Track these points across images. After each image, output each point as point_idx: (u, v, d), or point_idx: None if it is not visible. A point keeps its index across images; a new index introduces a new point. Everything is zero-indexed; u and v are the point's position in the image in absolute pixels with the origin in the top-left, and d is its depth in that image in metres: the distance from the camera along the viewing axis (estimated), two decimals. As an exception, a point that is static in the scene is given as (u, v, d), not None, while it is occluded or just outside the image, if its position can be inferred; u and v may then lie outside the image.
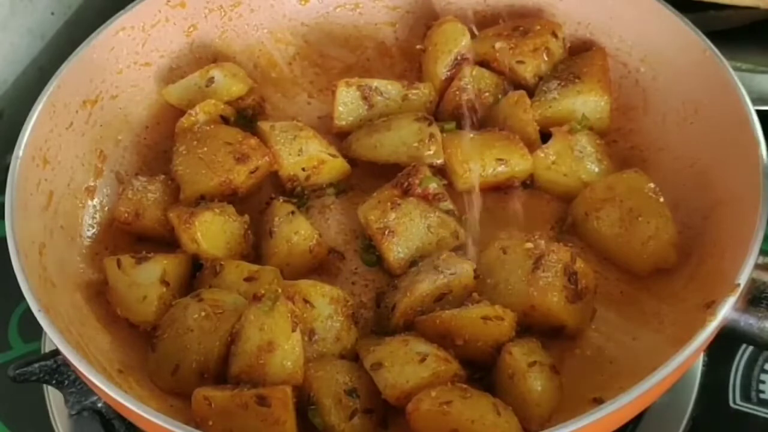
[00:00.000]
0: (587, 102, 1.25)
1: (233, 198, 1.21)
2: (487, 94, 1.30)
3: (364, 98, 1.29)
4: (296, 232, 1.16)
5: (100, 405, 1.17)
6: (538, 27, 1.32)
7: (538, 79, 1.31)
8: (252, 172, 1.21)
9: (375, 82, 1.30)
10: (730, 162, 1.12)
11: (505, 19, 1.37)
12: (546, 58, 1.31)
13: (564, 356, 1.09)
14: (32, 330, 1.30)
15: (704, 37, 1.19)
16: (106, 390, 0.95)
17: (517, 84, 1.31)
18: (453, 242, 1.16)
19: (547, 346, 1.07)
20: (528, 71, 1.31)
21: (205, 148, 1.21)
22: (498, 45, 1.32)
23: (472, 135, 1.24)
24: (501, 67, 1.32)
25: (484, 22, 1.38)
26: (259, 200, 1.24)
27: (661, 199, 1.13)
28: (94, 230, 1.23)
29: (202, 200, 1.19)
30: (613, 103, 1.27)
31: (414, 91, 1.30)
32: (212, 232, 1.15)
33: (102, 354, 1.08)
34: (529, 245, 1.11)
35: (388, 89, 1.30)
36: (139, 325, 1.12)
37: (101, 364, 1.05)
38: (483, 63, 1.32)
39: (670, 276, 1.13)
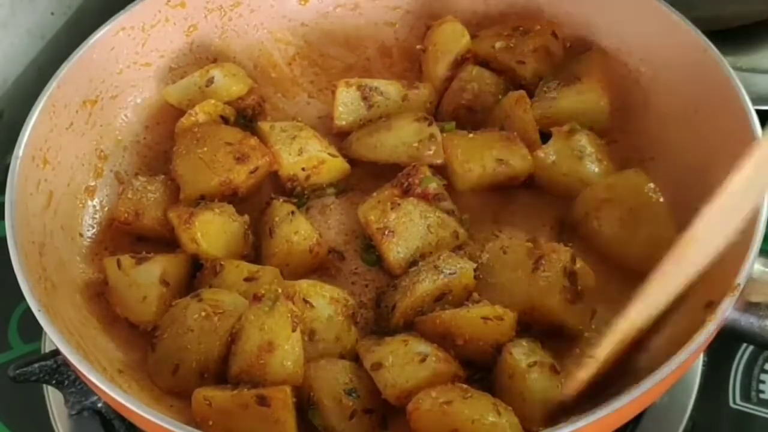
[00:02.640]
0: (586, 102, 1.25)
1: (233, 198, 1.21)
2: (487, 94, 1.30)
3: (364, 98, 1.29)
4: (296, 232, 1.16)
5: (100, 405, 1.17)
6: (538, 27, 1.32)
7: (538, 79, 1.31)
8: (252, 172, 1.21)
9: (375, 82, 1.30)
10: (730, 162, 1.11)
11: (505, 19, 1.37)
12: (546, 59, 1.31)
13: (564, 356, 1.08)
14: (32, 330, 1.30)
15: (704, 37, 1.19)
16: (106, 390, 0.95)
17: (517, 84, 1.31)
18: (453, 242, 1.16)
19: (547, 346, 1.07)
20: (528, 71, 1.31)
21: (205, 148, 1.21)
22: (498, 45, 1.32)
23: (471, 135, 1.24)
24: (501, 67, 1.32)
25: (484, 23, 1.38)
26: (259, 200, 1.24)
27: (661, 199, 1.13)
28: (94, 230, 1.23)
29: (202, 200, 1.19)
30: (612, 103, 1.27)
31: (414, 91, 1.30)
32: (212, 232, 1.15)
33: (102, 354, 1.08)
34: (529, 245, 1.11)
35: (388, 89, 1.30)
36: (139, 325, 1.12)
37: (101, 364, 1.05)
38: (483, 63, 1.32)
39: (670, 276, 1.13)
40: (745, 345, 1.24)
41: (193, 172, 1.20)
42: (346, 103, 1.29)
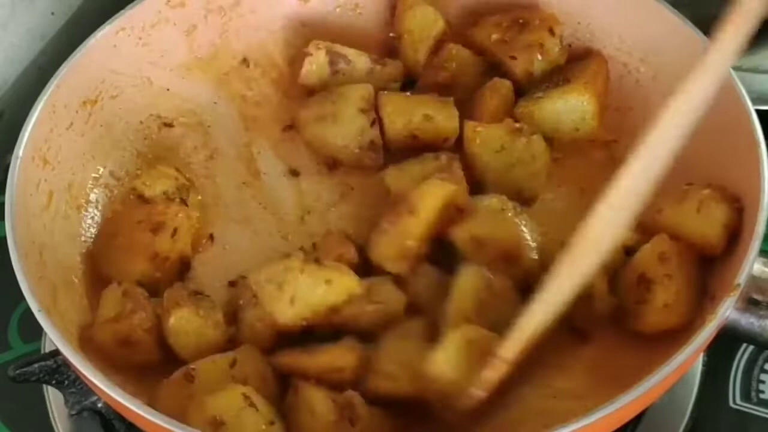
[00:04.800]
0: (570, 103, 1.24)
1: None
2: (466, 73, 1.30)
3: (331, 63, 1.31)
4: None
5: (100, 405, 1.17)
6: (538, 21, 1.31)
7: (530, 77, 1.30)
8: (173, 236, 1.16)
9: (344, 50, 1.32)
10: (730, 162, 1.12)
11: (505, 9, 1.36)
12: (540, 57, 1.30)
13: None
14: (32, 330, 1.30)
15: (704, 37, 1.19)
16: (106, 390, 0.95)
17: (508, 79, 1.30)
18: None
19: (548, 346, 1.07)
20: (518, 67, 1.30)
21: (120, 238, 1.16)
22: (494, 37, 1.31)
23: (408, 94, 1.29)
24: (494, 60, 1.32)
25: (483, 11, 1.37)
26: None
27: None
28: (94, 231, 1.23)
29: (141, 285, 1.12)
30: (604, 106, 1.26)
31: (379, 67, 1.32)
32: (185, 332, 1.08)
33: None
34: None
35: (356, 60, 1.32)
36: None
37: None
38: (478, 51, 1.32)
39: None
40: (745, 345, 1.24)
41: (119, 264, 1.14)
42: (313, 63, 1.31)
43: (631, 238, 1.11)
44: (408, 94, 1.30)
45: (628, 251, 1.11)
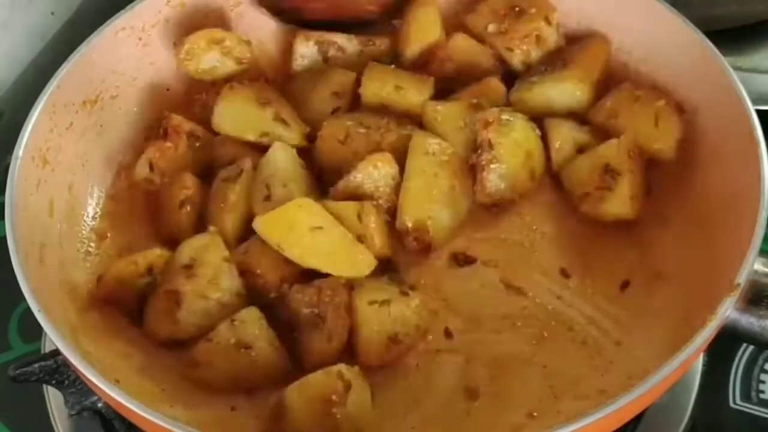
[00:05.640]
0: (563, 90, 1.24)
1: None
2: (473, 67, 1.30)
3: (322, 52, 1.33)
4: None
5: (100, 405, 1.17)
6: (534, 10, 1.31)
7: (527, 67, 1.30)
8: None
9: (334, 37, 1.33)
10: (730, 162, 1.12)
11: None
12: (536, 46, 1.30)
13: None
14: (32, 330, 1.30)
15: (704, 37, 1.19)
16: (106, 390, 0.95)
17: (506, 70, 1.31)
18: None
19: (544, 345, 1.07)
20: (515, 59, 1.30)
21: None
22: (491, 27, 1.31)
23: (393, 66, 1.31)
24: (491, 50, 1.32)
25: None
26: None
27: None
28: (94, 229, 1.23)
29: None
30: (595, 89, 1.25)
31: (370, 48, 1.34)
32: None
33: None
34: None
35: (346, 45, 1.33)
36: None
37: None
38: (474, 38, 1.32)
39: (670, 276, 1.13)
40: (745, 345, 1.24)
41: None
42: (304, 56, 1.33)
43: (583, 139, 1.20)
44: (393, 66, 1.31)
45: (579, 150, 1.20)
